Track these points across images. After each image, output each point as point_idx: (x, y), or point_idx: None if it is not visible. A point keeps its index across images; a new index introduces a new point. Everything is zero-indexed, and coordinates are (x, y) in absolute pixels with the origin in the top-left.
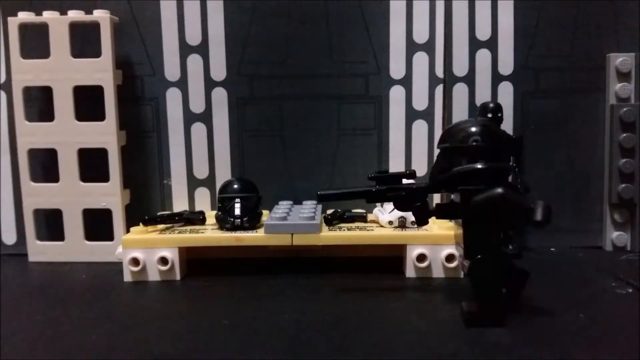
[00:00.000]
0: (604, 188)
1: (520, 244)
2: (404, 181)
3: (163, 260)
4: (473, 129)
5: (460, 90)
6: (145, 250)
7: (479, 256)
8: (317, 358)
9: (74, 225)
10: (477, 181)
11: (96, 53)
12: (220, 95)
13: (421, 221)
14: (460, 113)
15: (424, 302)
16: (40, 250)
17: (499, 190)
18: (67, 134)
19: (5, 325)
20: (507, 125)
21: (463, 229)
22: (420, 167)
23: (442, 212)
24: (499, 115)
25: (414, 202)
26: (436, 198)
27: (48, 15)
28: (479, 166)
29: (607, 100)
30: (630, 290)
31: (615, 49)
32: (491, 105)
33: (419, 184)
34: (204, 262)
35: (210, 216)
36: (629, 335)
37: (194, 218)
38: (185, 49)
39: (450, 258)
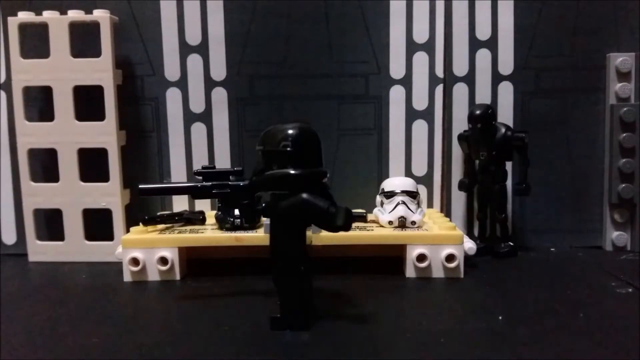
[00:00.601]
0: (604, 188)
1: (515, 243)
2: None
3: (163, 260)
4: (286, 133)
5: (460, 90)
6: (145, 250)
7: (283, 261)
8: (317, 358)
9: (74, 225)
10: (285, 186)
11: (96, 53)
12: (220, 95)
13: (248, 219)
14: (460, 113)
15: (425, 302)
16: (40, 250)
17: (302, 196)
18: (67, 134)
19: (5, 325)
20: None
21: (270, 233)
22: (421, 167)
23: (269, 211)
24: (479, 126)
25: (240, 199)
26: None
27: (48, 15)
28: (286, 172)
29: (607, 100)
30: (630, 290)
31: (615, 49)
32: (477, 112)
33: (245, 183)
34: (204, 262)
35: (210, 216)
36: (629, 335)
37: (194, 218)
38: (185, 49)
39: (450, 258)
